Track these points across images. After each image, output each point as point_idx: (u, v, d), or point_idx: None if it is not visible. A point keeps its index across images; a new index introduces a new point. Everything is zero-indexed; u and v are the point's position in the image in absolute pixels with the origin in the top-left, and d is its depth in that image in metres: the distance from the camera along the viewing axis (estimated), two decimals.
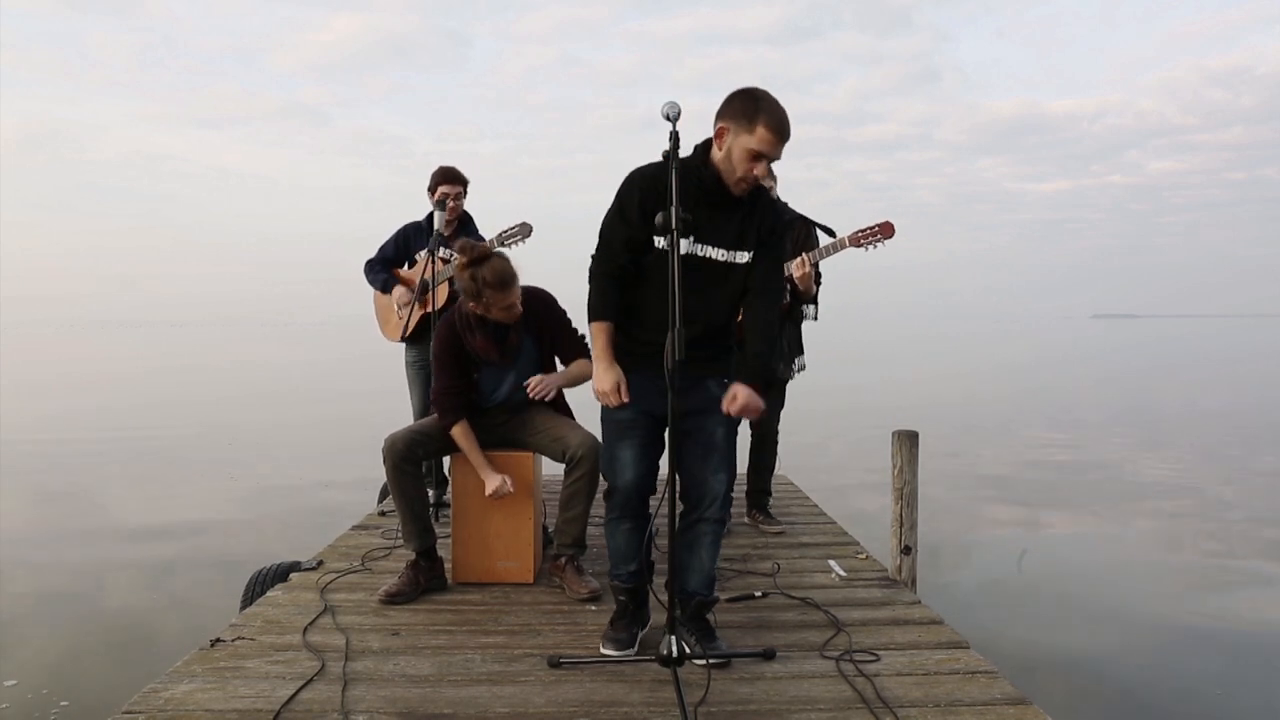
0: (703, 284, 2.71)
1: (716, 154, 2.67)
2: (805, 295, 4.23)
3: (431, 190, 4.76)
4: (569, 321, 3.70)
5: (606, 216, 2.78)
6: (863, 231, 4.15)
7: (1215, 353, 45.96)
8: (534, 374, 3.67)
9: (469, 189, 4.85)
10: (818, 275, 4.32)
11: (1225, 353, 45.97)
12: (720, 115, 2.63)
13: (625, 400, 2.74)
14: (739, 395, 2.70)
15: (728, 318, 2.87)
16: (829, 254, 4.23)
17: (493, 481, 3.54)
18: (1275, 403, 19.62)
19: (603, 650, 2.89)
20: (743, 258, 2.77)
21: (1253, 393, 22.35)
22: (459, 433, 3.55)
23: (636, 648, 2.90)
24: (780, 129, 2.58)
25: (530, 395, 3.58)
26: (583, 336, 3.70)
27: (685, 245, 2.65)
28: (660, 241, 2.68)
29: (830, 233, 4.26)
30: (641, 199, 2.67)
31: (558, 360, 3.74)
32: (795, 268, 4.07)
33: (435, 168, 4.81)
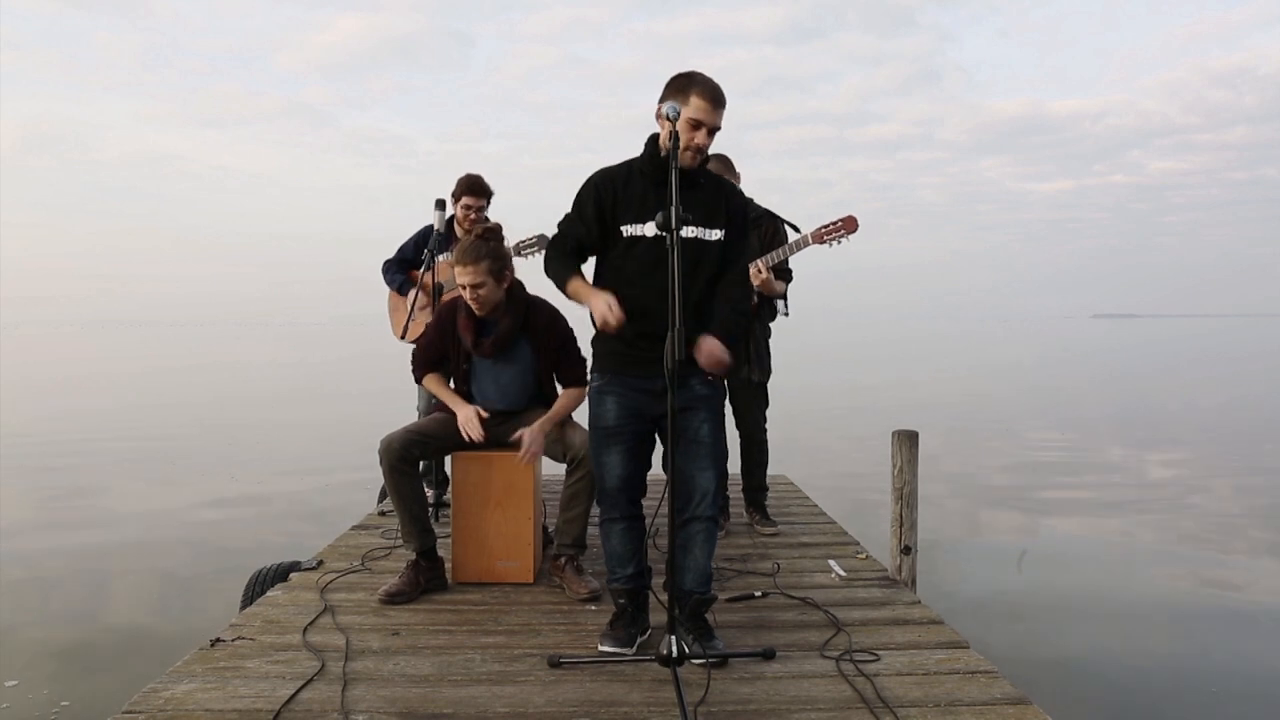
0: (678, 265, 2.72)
1: (664, 138, 2.76)
2: (771, 295, 4.22)
3: (455, 198, 4.76)
4: (573, 342, 3.71)
5: (566, 215, 2.90)
6: (826, 228, 4.15)
7: (1216, 352, 45.95)
8: (530, 386, 3.70)
9: (491, 201, 4.84)
10: (788, 273, 4.32)
11: (1226, 352, 45.95)
12: (659, 101, 2.76)
13: (620, 316, 2.68)
14: (703, 345, 2.72)
15: (705, 304, 2.89)
16: (795, 251, 4.22)
17: (464, 410, 3.58)
18: (1276, 402, 19.62)
19: (600, 647, 2.89)
20: (714, 235, 2.84)
21: (1254, 392, 22.35)
22: (429, 381, 3.76)
23: (635, 649, 2.90)
24: (712, 96, 2.71)
25: (519, 461, 3.55)
26: (584, 361, 3.71)
27: (653, 229, 2.75)
28: (628, 229, 2.79)
29: (796, 229, 4.25)
30: (597, 197, 2.82)
31: (556, 379, 3.77)
32: (753, 276, 4.01)
33: (463, 174, 4.80)
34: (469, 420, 3.55)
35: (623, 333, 2.81)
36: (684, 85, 2.72)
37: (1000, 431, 14.32)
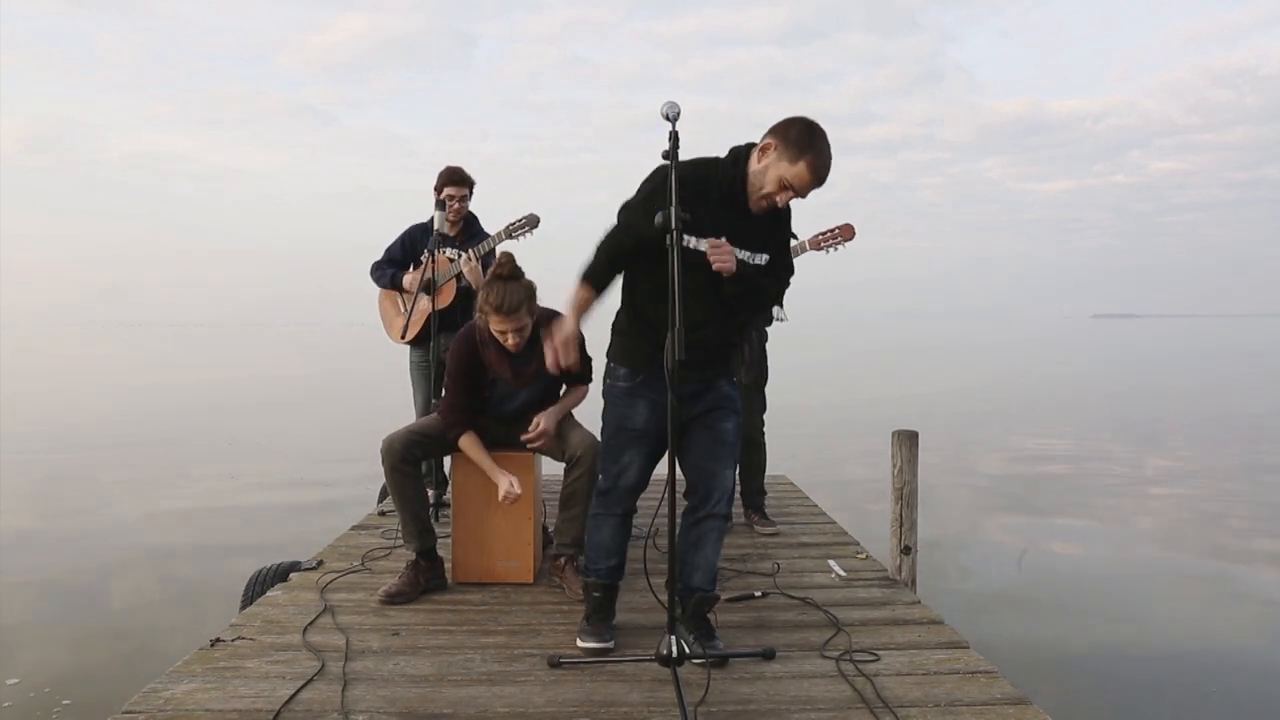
0: (710, 281, 2.69)
1: (754, 165, 2.67)
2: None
3: (438, 190, 4.75)
4: (583, 345, 3.69)
5: (629, 201, 2.76)
6: (823, 234, 4.16)
7: (1216, 353, 45.94)
8: (548, 393, 3.66)
9: (474, 191, 4.85)
10: None
11: (1226, 353, 45.94)
12: (772, 132, 2.65)
13: (570, 355, 2.72)
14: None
15: (740, 321, 2.90)
16: (792, 257, 4.23)
17: (503, 485, 3.50)
18: (1277, 402, 19.61)
19: (584, 644, 2.90)
20: (761, 259, 2.80)
21: (1254, 393, 22.34)
22: (466, 444, 3.54)
23: (613, 642, 2.93)
24: (820, 173, 2.61)
25: (527, 446, 3.57)
26: (589, 359, 3.70)
27: (703, 243, 2.64)
28: (690, 242, 2.62)
29: (794, 235, 4.26)
30: (664, 193, 2.64)
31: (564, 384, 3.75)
32: None
33: (442, 168, 4.80)
34: (506, 496, 3.49)
35: (656, 335, 2.75)
36: (803, 145, 2.59)
37: (1000, 431, 14.32)
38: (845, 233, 4.11)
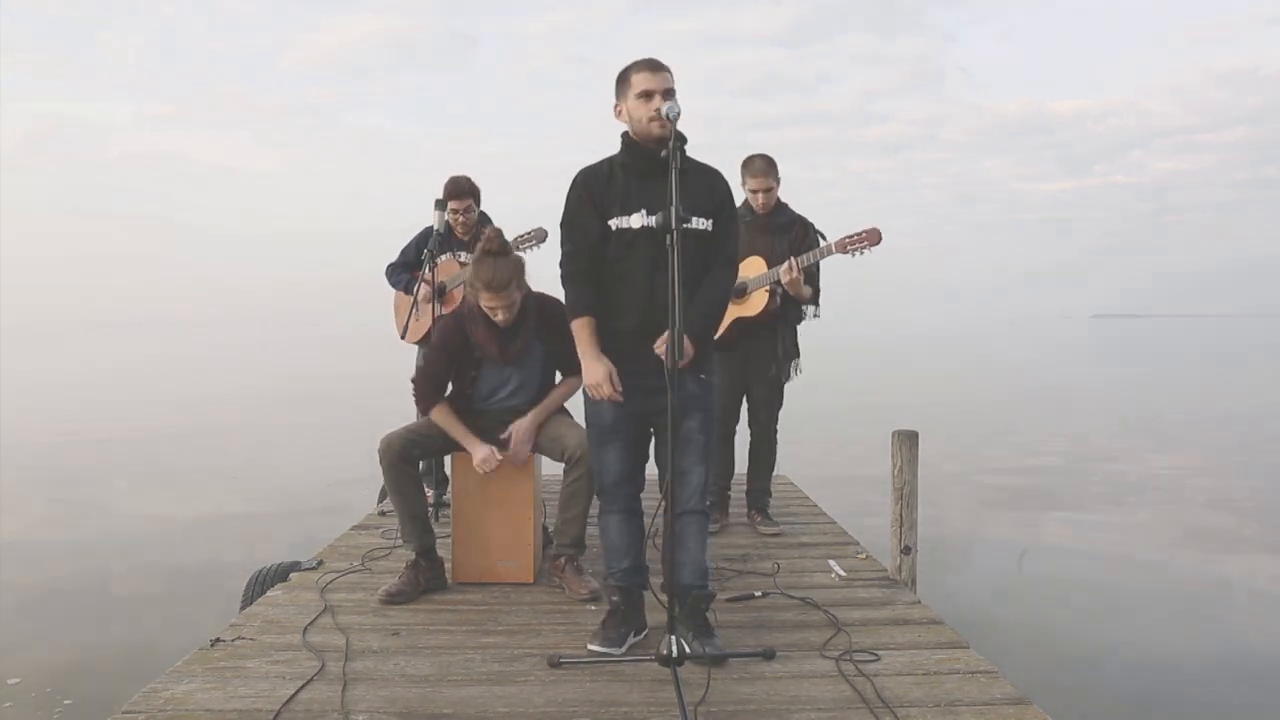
0: (660, 255, 2.68)
1: (629, 124, 2.82)
2: (799, 298, 4.24)
3: (445, 201, 4.69)
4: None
5: (564, 226, 2.90)
6: (850, 238, 4.16)
7: (1216, 353, 45.93)
8: (538, 380, 3.66)
9: (480, 198, 4.77)
10: (816, 277, 4.34)
11: (1226, 353, 45.93)
12: (616, 104, 2.83)
13: (618, 389, 2.79)
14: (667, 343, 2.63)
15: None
16: (820, 258, 4.24)
17: (480, 451, 3.50)
18: (1277, 403, 19.61)
19: (589, 646, 2.88)
20: (700, 223, 2.81)
21: (1254, 393, 22.34)
22: (439, 414, 3.55)
23: (625, 648, 2.90)
24: (650, 65, 2.76)
25: (510, 460, 3.55)
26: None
27: (639, 220, 2.76)
28: (614, 223, 2.80)
29: (823, 236, 4.29)
30: (588, 194, 2.84)
31: (558, 371, 3.74)
32: (784, 272, 4.07)
33: (447, 178, 4.73)
34: (486, 461, 3.49)
35: (617, 328, 2.83)
36: (624, 76, 2.79)
37: (1000, 431, 14.32)
38: (871, 237, 4.12)
